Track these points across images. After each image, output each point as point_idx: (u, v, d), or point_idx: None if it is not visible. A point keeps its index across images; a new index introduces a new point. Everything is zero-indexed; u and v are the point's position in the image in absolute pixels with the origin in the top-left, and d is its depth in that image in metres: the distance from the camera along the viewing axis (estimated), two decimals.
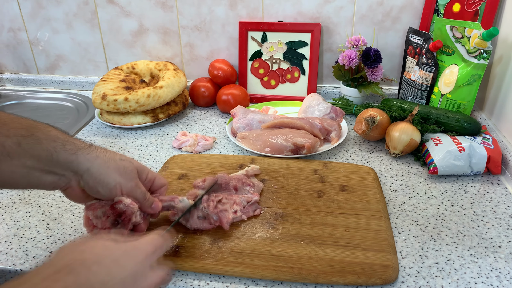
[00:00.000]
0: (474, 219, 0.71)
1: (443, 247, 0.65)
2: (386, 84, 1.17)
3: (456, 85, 0.93)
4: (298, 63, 1.14)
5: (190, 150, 0.92)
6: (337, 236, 0.65)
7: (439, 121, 0.91)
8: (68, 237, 0.68)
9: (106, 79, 1.09)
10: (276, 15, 1.12)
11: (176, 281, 0.59)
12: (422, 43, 0.98)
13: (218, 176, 0.74)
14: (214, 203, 0.67)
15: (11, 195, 0.79)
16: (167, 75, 1.08)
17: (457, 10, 1.00)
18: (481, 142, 0.83)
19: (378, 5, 1.07)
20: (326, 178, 0.80)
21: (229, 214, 0.67)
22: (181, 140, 0.95)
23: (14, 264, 0.63)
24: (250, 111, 1.01)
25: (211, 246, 0.64)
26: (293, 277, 0.58)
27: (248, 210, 0.70)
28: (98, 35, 1.23)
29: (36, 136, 0.49)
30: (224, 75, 1.14)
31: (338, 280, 0.58)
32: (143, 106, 1.01)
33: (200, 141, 0.94)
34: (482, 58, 0.89)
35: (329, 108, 1.01)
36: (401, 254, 0.63)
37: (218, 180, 0.73)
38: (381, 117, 0.91)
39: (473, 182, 0.81)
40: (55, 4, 1.20)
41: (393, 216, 0.72)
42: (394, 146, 0.87)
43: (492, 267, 0.61)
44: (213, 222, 0.66)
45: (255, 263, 0.60)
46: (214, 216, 0.66)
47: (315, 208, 0.72)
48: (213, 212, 0.66)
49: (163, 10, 1.16)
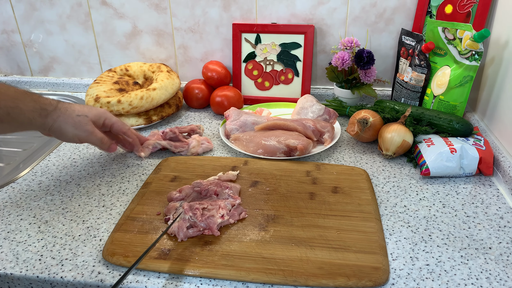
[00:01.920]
0: (465, 220, 0.71)
1: (434, 249, 0.65)
2: (379, 86, 1.17)
3: (449, 86, 0.93)
4: (292, 64, 1.14)
5: (194, 151, 0.92)
6: (328, 238, 0.65)
7: (432, 122, 0.91)
8: (59, 241, 0.68)
9: (99, 81, 1.08)
10: (269, 16, 1.13)
11: (166, 284, 0.59)
12: (415, 44, 0.98)
13: (194, 183, 0.75)
14: (200, 211, 0.67)
15: (3, 198, 0.79)
16: (160, 77, 1.08)
17: (450, 11, 1.00)
18: (472, 143, 0.83)
19: (371, 6, 1.07)
20: (319, 180, 0.80)
21: (217, 219, 0.67)
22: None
23: (4, 268, 0.62)
24: (244, 112, 1.01)
25: (201, 249, 0.63)
26: (284, 280, 0.58)
27: (234, 214, 0.70)
28: (91, 37, 1.23)
29: (20, 107, 0.68)
30: (218, 77, 1.14)
31: (328, 283, 0.58)
32: (136, 108, 1.01)
33: (203, 142, 0.94)
34: (474, 60, 0.89)
35: (323, 110, 1.01)
36: (392, 256, 0.64)
37: (195, 187, 0.74)
38: (374, 118, 0.91)
39: (465, 183, 0.81)
40: (48, 6, 1.20)
41: (385, 218, 0.72)
42: (387, 148, 0.87)
43: (482, 268, 0.61)
44: (202, 230, 0.66)
45: (245, 265, 0.60)
46: (202, 224, 0.66)
47: (307, 210, 0.72)
48: (201, 220, 0.66)
49: (156, 12, 1.16)
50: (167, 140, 0.94)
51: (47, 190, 0.81)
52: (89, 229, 0.70)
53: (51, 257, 0.64)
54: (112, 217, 0.73)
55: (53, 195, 0.80)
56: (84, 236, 0.69)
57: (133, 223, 0.69)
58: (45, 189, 0.81)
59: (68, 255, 0.65)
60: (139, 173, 0.86)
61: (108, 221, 0.72)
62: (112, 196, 0.79)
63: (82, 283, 0.60)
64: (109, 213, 0.74)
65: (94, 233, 0.69)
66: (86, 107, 0.78)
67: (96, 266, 0.62)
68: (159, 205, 0.74)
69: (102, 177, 0.85)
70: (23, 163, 0.93)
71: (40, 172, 0.87)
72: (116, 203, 0.77)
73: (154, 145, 0.92)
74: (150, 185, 0.80)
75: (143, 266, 0.61)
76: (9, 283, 0.63)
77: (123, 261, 0.62)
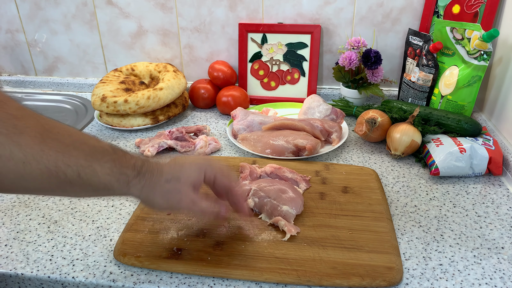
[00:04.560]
0: (477, 220, 0.71)
1: (446, 249, 0.65)
2: (386, 86, 1.17)
3: (457, 86, 0.93)
4: (298, 64, 1.14)
5: (201, 152, 0.92)
6: (340, 238, 0.65)
7: (440, 122, 0.91)
8: (69, 241, 0.67)
9: (105, 81, 1.08)
10: (276, 16, 1.12)
11: (179, 284, 0.59)
12: (422, 44, 0.98)
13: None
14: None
15: (11, 198, 0.78)
16: (167, 76, 1.08)
17: (457, 11, 1.00)
18: (482, 143, 0.83)
19: (378, 6, 1.07)
20: (328, 180, 0.80)
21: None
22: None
23: (15, 268, 0.62)
24: (251, 112, 1.01)
25: (214, 249, 0.63)
26: (297, 280, 0.58)
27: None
28: (97, 36, 1.23)
29: (93, 168, 0.50)
30: (224, 77, 1.13)
31: (342, 283, 0.57)
32: (143, 108, 1.00)
33: (210, 142, 0.94)
34: (482, 60, 0.89)
35: (330, 110, 1.01)
36: (405, 255, 0.63)
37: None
38: (382, 118, 0.91)
39: (475, 183, 0.81)
40: (53, 5, 1.20)
41: (396, 217, 0.72)
42: (395, 148, 0.87)
43: (496, 268, 0.61)
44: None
45: (258, 265, 0.60)
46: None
47: (318, 210, 0.71)
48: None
49: (162, 11, 1.16)
50: (174, 140, 0.94)
51: None
52: (99, 229, 0.70)
53: (62, 257, 0.64)
54: (122, 217, 0.73)
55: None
56: (94, 236, 0.68)
57: (143, 223, 0.69)
58: None
59: (79, 255, 0.64)
60: None
61: (118, 221, 0.72)
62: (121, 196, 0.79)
63: (94, 283, 0.60)
64: (119, 213, 0.74)
65: (104, 233, 0.69)
66: (177, 164, 0.58)
67: (107, 266, 0.62)
68: None
69: None
70: None
71: None
72: (125, 203, 0.76)
73: (160, 145, 0.92)
74: None
75: (155, 266, 0.61)
76: (19, 283, 0.63)
77: (134, 261, 0.61)
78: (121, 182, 0.52)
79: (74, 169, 0.48)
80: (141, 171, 0.54)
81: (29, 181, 0.45)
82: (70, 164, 0.48)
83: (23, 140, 0.43)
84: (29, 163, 0.44)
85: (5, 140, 0.42)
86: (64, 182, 0.48)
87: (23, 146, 0.43)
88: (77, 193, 0.53)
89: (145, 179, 0.54)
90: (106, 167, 0.51)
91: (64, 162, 0.47)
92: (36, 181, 0.46)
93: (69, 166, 0.47)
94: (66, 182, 0.48)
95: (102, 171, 0.50)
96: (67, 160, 0.47)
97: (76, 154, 0.48)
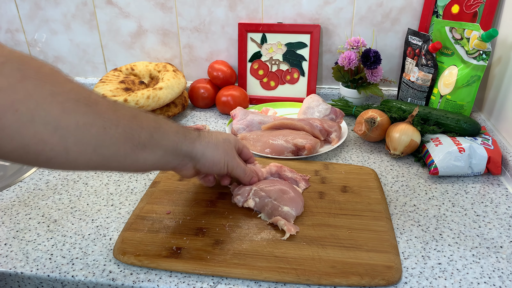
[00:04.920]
0: (475, 219, 0.71)
1: (445, 248, 0.65)
2: (385, 85, 1.17)
3: (456, 86, 0.93)
4: (298, 64, 1.14)
5: None
6: (339, 237, 0.65)
7: (439, 122, 0.92)
8: (69, 240, 0.67)
9: (105, 81, 1.08)
10: (275, 16, 1.13)
11: (178, 283, 0.59)
12: (422, 44, 0.99)
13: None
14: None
15: (10, 197, 0.78)
16: (166, 76, 1.08)
17: (456, 11, 1.00)
18: (481, 143, 0.83)
19: (377, 6, 1.07)
20: (327, 179, 0.80)
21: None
22: None
23: (15, 267, 0.62)
24: (250, 112, 1.01)
25: (213, 248, 0.63)
26: (296, 279, 0.58)
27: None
28: (96, 36, 1.23)
29: (164, 128, 0.57)
30: (224, 76, 1.14)
31: (341, 281, 0.58)
32: (143, 107, 1.00)
33: None
34: (481, 59, 0.89)
35: (329, 109, 1.01)
36: (404, 255, 0.63)
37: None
38: (381, 118, 0.91)
39: (474, 182, 0.81)
40: (53, 5, 1.20)
41: (395, 217, 0.72)
42: (395, 147, 0.87)
43: (495, 267, 0.61)
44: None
45: (258, 264, 0.60)
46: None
47: (317, 209, 0.72)
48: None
49: (162, 11, 1.16)
50: None
51: (54, 189, 0.81)
52: (98, 228, 0.70)
53: (61, 256, 0.64)
54: (121, 216, 0.73)
55: (61, 194, 0.79)
56: (93, 235, 0.68)
57: (143, 222, 0.69)
58: (52, 188, 0.81)
59: (78, 254, 0.64)
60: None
61: (117, 220, 0.72)
62: (120, 195, 0.79)
63: (94, 282, 0.60)
64: (118, 212, 0.74)
65: (104, 232, 0.69)
66: (220, 133, 0.69)
67: (107, 265, 0.62)
68: (168, 204, 0.74)
69: (109, 176, 0.85)
70: None
71: (47, 171, 0.87)
72: (124, 202, 0.77)
73: None
74: (158, 184, 0.79)
75: (155, 265, 0.61)
76: (19, 282, 0.63)
77: (134, 260, 0.61)
78: (188, 139, 0.60)
79: (147, 131, 0.54)
80: (199, 133, 0.64)
81: (109, 147, 0.50)
82: (143, 127, 0.53)
83: (100, 109, 0.49)
84: (109, 128, 0.49)
85: (88, 110, 0.47)
86: (137, 146, 0.53)
87: (103, 114, 0.48)
88: (146, 160, 0.55)
89: (207, 138, 0.63)
90: (173, 127, 0.59)
91: (138, 125, 0.53)
92: (114, 146, 0.50)
93: (143, 129, 0.53)
94: (140, 145, 0.53)
95: (171, 130, 0.58)
96: (140, 123, 0.53)
97: (146, 119, 0.55)
